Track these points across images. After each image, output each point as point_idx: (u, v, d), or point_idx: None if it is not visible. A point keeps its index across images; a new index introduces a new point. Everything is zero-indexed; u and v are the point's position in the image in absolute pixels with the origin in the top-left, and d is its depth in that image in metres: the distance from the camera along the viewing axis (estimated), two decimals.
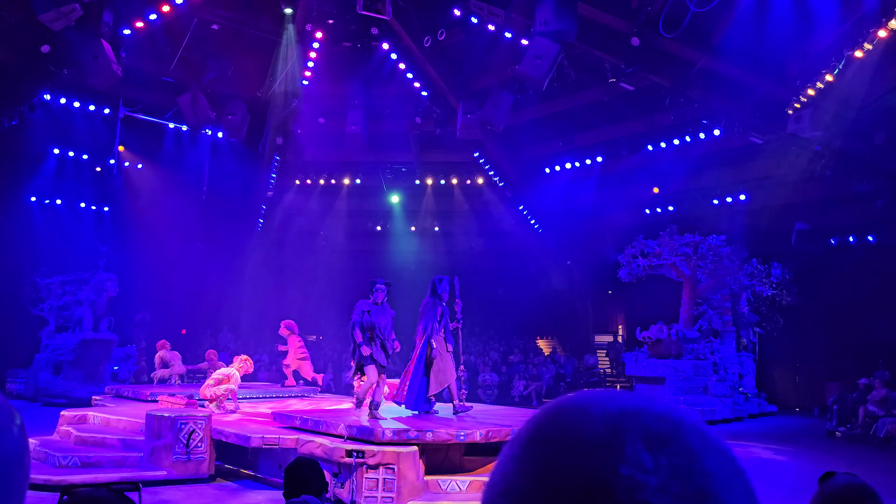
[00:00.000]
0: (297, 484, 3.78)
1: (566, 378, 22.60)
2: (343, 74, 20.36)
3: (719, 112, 15.63)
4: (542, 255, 24.92)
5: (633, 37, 14.68)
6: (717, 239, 18.59)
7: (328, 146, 22.37)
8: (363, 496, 8.61)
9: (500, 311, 25.67)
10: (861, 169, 15.47)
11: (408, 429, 9.35)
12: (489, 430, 9.52)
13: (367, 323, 10.44)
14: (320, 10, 18.02)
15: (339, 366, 22.81)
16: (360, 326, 10.43)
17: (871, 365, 16.77)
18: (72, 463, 10.32)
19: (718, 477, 0.62)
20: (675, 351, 18.29)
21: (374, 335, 10.43)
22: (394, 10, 16.65)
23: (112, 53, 14.99)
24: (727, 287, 19.31)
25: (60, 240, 21.17)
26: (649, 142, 20.34)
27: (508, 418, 10.82)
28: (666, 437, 0.62)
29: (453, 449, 9.64)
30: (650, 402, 0.66)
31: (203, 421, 10.25)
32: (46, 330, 19.98)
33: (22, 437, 0.99)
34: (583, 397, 0.68)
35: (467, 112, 19.15)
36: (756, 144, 16.36)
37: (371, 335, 10.43)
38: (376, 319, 10.47)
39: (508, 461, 0.65)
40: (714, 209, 20.85)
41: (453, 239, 26.48)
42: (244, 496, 9.52)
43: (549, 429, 0.65)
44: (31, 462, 1.05)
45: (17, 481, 0.97)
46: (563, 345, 26.05)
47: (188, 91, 19.07)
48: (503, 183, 23.73)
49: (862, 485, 1.98)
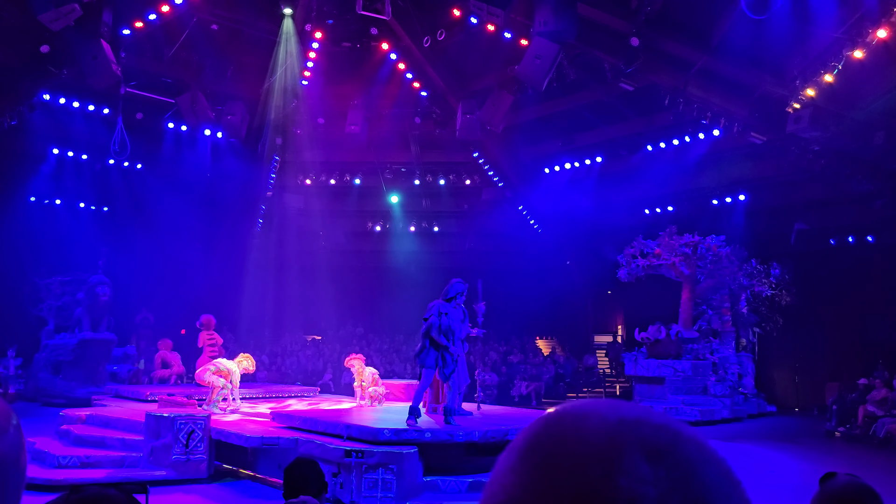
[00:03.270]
0: (296, 484, 3.77)
1: (566, 378, 22.59)
2: (342, 75, 20.35)
3: (719, 112, 15.62)
4: (541, 255, 24.91)
5: (632, 37, 14.67)
6: (717, 239, 18.59)
7: (327, 146, 22.37)
8: (363, 496, 8.61)
9: (499, 311, 25.57)
10: (860, 169, 15.47)
11: (406, 429, 9.39)
12: (487, 430, 9.58)
13: (444, 325, 9.87)
14: (320, 10, 18.01)
15: (338, 366, 22.78)
16: (437, 328, 9.85)
17: (871, 365, 16.78)
18: (71, 463, 10.32)
19: (716, 488, 0.62)
20: (674, 351, 18.29)
21: (449, 338, 9.92)
22: (393, 10, 16.64)
23: (111, 53, 14.98)
24: (726, 287, 19.32)
25: (60, 240, 21.16)
26: (649, 142, 20.34)
27: (508, 420, 10.84)
28: (665, 449, 0.62)
29: (454, 448, 9.64)
30: (648, 413, 0.67)
31: (202, 421, 10.25)
32: (46, 330, 19.97)
33: (18, 437, 0.99)
34: (581, 407, 0.68)
35: (467, 112, 19.14)
36: (755, 144, 16.36)
37: (448, 338, 9.90)
38: (452, 322, 9.98)
39: (508, 472, 0.65)
40: (713, 209, 20.85)
41: (452, 239, 26.48)
42: (243, 496, 9.51)
43: (548, 440, 0.65)
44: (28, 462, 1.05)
45: (14, 481, 0.97)
46: (562, 345, 26.05)
47: (187, 91, 19.05)
48: (502, 183, 23.72)
49: (863, 485, 1.97)
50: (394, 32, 18.89)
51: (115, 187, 22.56)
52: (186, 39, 17.89)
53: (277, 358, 23.83)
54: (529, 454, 0.65)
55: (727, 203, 20.71)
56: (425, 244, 25.86)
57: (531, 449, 0.65)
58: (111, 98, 18.14)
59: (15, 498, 0.98)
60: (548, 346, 26.52)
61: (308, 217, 25.42)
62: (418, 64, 19.76)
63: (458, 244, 26.25)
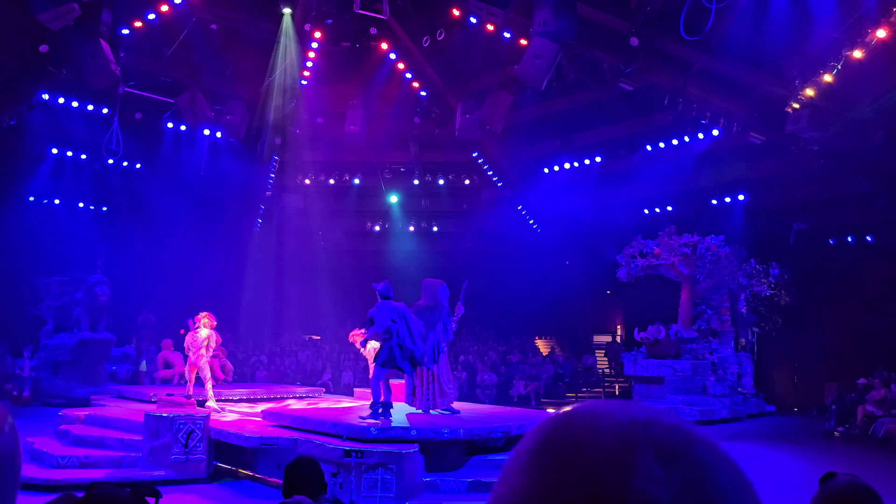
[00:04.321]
0: (296, 483, 3.76)
1: (565, 378, 22.59)
2: (342, 74, 20.35)
3: (718, 112, 15.63)
4: (540, 255, 24.91)
5: (631, 37, 14.67)
6: (716, 239, 18.60)
7: (327, 146, 22.37)
8: (362, 496, 8.61)
9: (498, 311, 25.65)
10: (859, 169, 15.48)
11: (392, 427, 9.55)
12: (472, 427, 9.71)
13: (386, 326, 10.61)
14: (319, 10, 18.00)
15: (337, 366, 22.80)
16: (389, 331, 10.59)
17: (870, 365, 16.79)
18: (70, 463, 10.31)
19: (729, 490, 0.62)
20: (673, 351, 18.30)
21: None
22: (393, 10, 16.64)
23: (110, 53, 14.96)
24: (726, 287, 19.33)
25: (59, 240, 21.14)
26: (648, 142, 20.34)
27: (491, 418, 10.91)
28: (677, 450, 0.62)
29: (453, 448, 9.67)
30: (659, 414, 0.66)
31: (201, 421, 10.25)
32: (45, 330, 19.95)
33: (13, 437, 1.00)
34: (591, 408, 0.67)
35: (466, 112, 19.13)
36: (755, 144, 16.37)
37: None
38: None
39: (517, 473, 0.64)
40: (713, 209, 20.86)
41: (452, 239, 26.49)
42: (242, 496, 9.51)
43: (559, 441, 0.64)
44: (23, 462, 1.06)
45: (9, 481, 0.97)
46: (561, 345, 26.05)
47: (187, 91, 19.04)
48: (502, 183, 23.72)
49: (863, 485, 1.97)
50: (393, 32, 18.89)
51: (114, 187, 22.53)
52: (185, 39, 17.87)
53: (276, 358, 23.81)
54: (539, 455, 0.64)
55: (726, 203, 20.72)
56: (424, 244, 25.86)
57: (541, 450, 0.64)
58: (110, 98, 18.13)
59: (10, 498, 0.98)
60: (547, 346, 26.51)
61: (307, 217, 25.41)
62: (417, 64, 19.75)
63: (458, 244, 26.25)
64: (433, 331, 11.03)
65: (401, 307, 10.47)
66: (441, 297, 11.31)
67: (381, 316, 10.35)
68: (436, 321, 11.10)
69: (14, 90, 15.52)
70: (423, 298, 11.38)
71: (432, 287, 11.41)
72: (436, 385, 11.18)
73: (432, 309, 11.19)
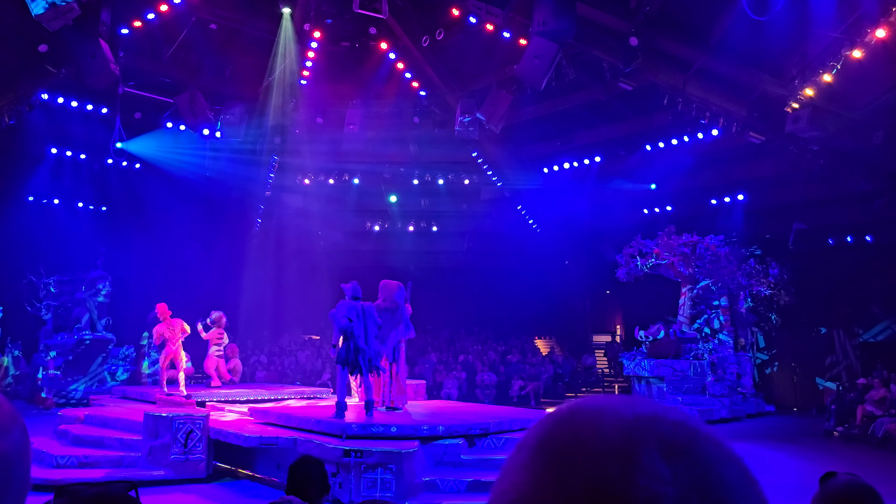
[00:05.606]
0: (299, 481, 3.76)
1: (564, 378, 22.59)
2: (341, 74, 20.34)
3: (717, 112, 15.62)
4: (540, 254, 24.91)
5: (631, 37, 14.66)
6: (715, 239, 18.60)
7: (326, 146, 22.35)
8: (361, 496, 8.61)
9: (498, 310, 25.66)
10: (859, 169, 15.48)
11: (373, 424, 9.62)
12: (451, 424, 9.85)
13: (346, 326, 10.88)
14: (318, 9, 18.00)
15: None
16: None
17: (870, 365, 16.79)
18: (69, 463, 10.31)
19: (735, 487, 0.61)
20: (673, 351, 18.30)
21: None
22: (392, 9, 16.62)
23: (110, 53, 14.95)
24: (725, 287, 19.33)
25: (58, 239, 21.12)
26: (647, 141, 20.33)
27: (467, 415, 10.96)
28: (683, 447, 0.61)
29: (452, 447, 9.68)
30: (664, 409, 0.65)
31: (201, 421, 10.24)
32: (44, 329, 19.95)
33: (23, 437, 0.99)
34: (594, 403, 0.65)
35: (465, 112, 19.12)
36: (754, 144, 16.36)
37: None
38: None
39: (519, 469, 0.63)
40: (712, 209, 20.86)
41: (451, 238, 26.47)
42: (242, 496, 9.51)
43: (562, 436, 0.62)
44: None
45: (19, 481, 0.97)
46: (561, 345, 26.06)
47: (186, 90, 19.03)
48: (501, 183, 23.72)
49: (863, 485, 1.97)
50: (392, 32, 18.88)
51: (114, 187, 22.53)
52: (185, 39, 17.87)
53: (276, 357, 23.82)
54: (542, 451, 0.62)
55: (726, 203, 20.72)
56: (424, 244, 25.84)
57: (543, 446, 0.63)
58: (110, 98, 18.13)
59: (20, 497, 0.97)
60: (546, 346, 26.52)
61: (307, 217, 25.41)
62: (417, 63, 19.74)
63: (457, 244, 26.24)
64: (395, 330, 11.21)
65: (360, 307, 10.61)
66: (398, 298, 11.56)
67: (338, 315, 10.48)
68: (398, 322, 11.34)
69: (13, 89, 15.51)
70: (380, 298, 11.57)
71: (389, 288, 11.69)
72: (394, 384, 11.45)
73: (393, 310, 11.36)
